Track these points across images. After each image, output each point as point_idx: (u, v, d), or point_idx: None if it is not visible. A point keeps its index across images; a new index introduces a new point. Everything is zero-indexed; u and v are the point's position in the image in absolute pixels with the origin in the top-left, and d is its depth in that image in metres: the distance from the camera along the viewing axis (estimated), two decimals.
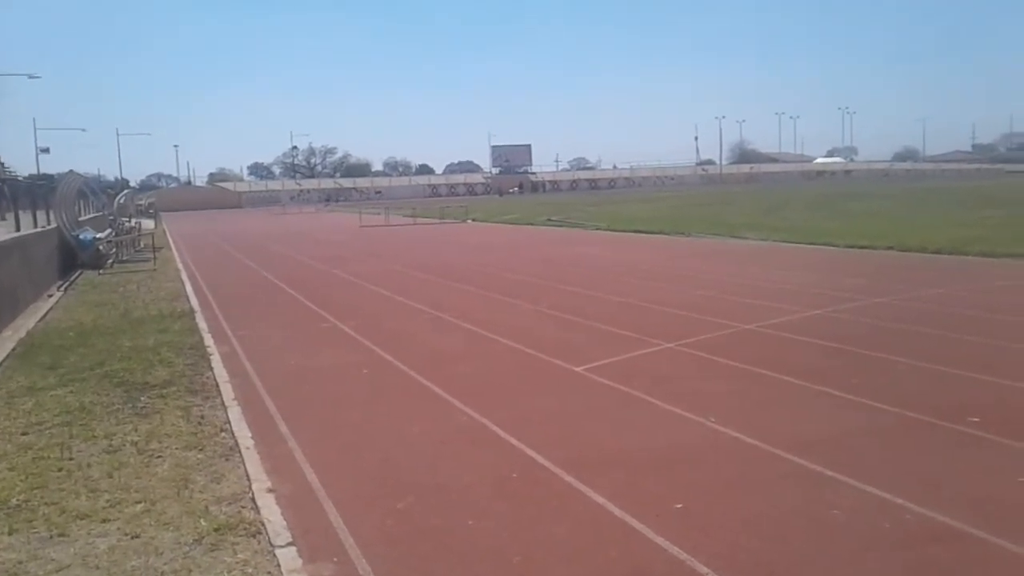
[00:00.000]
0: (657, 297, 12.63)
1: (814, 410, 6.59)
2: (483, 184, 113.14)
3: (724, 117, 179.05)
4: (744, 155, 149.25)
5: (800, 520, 4.51)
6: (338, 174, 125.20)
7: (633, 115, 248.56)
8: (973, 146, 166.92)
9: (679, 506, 4.73)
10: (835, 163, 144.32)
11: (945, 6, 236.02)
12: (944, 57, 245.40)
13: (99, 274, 19.77)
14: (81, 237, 21.70)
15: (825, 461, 5.34)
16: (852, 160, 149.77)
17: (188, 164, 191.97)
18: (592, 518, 4.64)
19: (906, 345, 8.76)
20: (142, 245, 26.40)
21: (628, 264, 18.29)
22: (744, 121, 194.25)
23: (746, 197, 56.23)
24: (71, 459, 5.87)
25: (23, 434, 6.51)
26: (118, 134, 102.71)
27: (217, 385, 7.91)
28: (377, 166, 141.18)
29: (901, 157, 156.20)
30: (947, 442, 5.78)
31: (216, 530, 4.54)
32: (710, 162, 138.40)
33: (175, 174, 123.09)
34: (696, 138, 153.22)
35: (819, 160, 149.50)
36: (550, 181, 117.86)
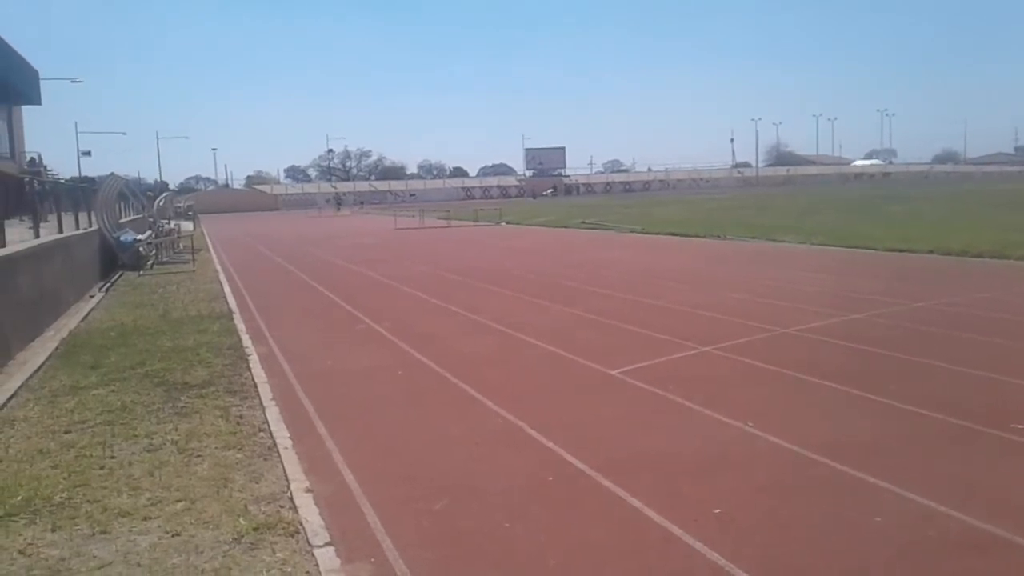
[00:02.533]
0: (692, 300, 12.54)
1: (854, 415, 6.50)
2: (517, 187, 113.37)
3: (760, 119, 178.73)
4: (781, 157, 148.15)
5: (841, 526, 4.44)
6: (373, 177, 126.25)
7: (668, 117, 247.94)
8: (1016, 148, 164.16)
9: (717, 511, 4.69)
10: (874, 165, 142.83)
11: (986, 6, 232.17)
12: (985, 58, 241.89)
13: (139, 275, 20.06)
14: (122, 239, 22.04)
15: (866, 467, 5.26)
16: (891, 162, 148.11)
17: (226, 167, 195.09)
18: (629, 522, 4.61)
19: (948, 350, 8.61)
20: (181, 247, 26.78)
21: (663, 267, 18.19)
22: (781, 123, 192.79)
23: (783, 199, 55.73)
24: (113, 457, 5.96)
25: (66, 432, 6.62)
26: (158, 137, 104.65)
27: (255, 385, 7.98)
28: (412, 169, 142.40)
29: (941, 159, 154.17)
30: (992, 449, 5.67)
31: (255, 529, 4.58)
32: (746, 164, 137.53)
33: (213, 177, 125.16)
34: (732, 140, 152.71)
35: (857, 162, 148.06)
36: (584, 184, 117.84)
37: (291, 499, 5.05)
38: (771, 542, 4.29)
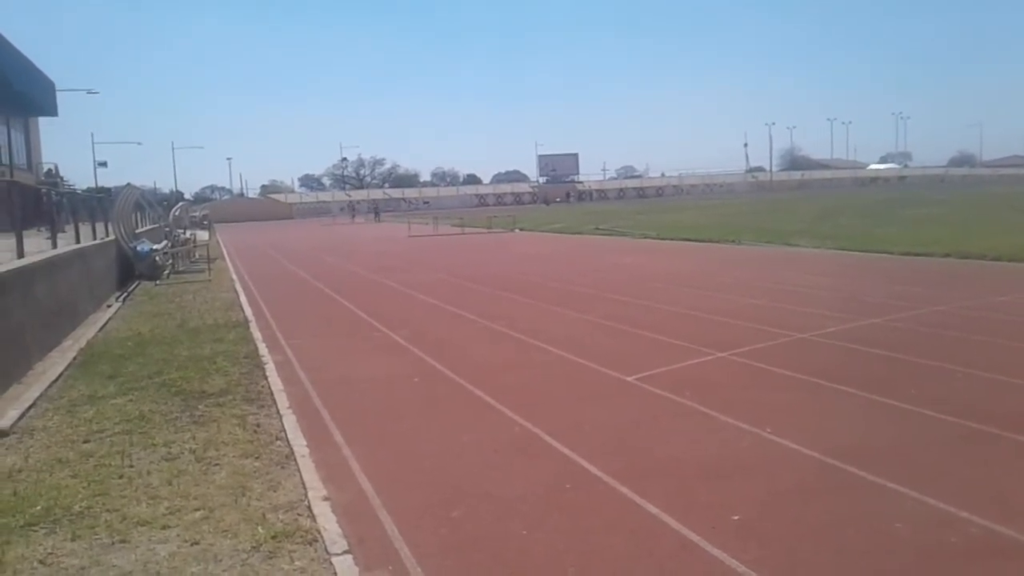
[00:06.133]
0: (708, 306, 12.50)
1: (873, 421, 6.46)
2: (530, 193, 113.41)
3: (774, 123, 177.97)
4: (795, 162, 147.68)
5: (862, 533, 4.41)
6: (387, 185, 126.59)
7: (681, 122, 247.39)
8: None
9: (736, 518, 4.66)
10: (889, 169, 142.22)
11: (1000, 8, 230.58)
12: (1000, 60, 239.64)
13: (156, 285, 20.17)
14: (138, 248, 22.17)
15: (886, 472, 5.22)
16: (906, 166, 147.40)
17: (240, 176, 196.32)
18: (647, 529, 4.59)
19: (967, 354, 8.54)
20: (197, 256, 26.89)
21: (677, 273, 18.14)
22: (795, 127, 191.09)
23: (797, 204, 55.51)
24: (131, 467, 5.98)
25: (85, 442, 6.65)
26: (173, 147, 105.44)
27: (272, 394, 8.01)
28: (425, 176, 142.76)
29: (957, 162, 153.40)
30: (1012, 453, 5.62)
31: (273, 537, 4.59)
32: (760, 169, 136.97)
33: (228, 186, 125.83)
34: (746, 145, 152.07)
35: (872, 166, 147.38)
36: (597, 190, 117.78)
37: (309, 507, 5.06)
38: (790, 548, 4.26)
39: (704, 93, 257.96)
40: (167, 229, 30.90)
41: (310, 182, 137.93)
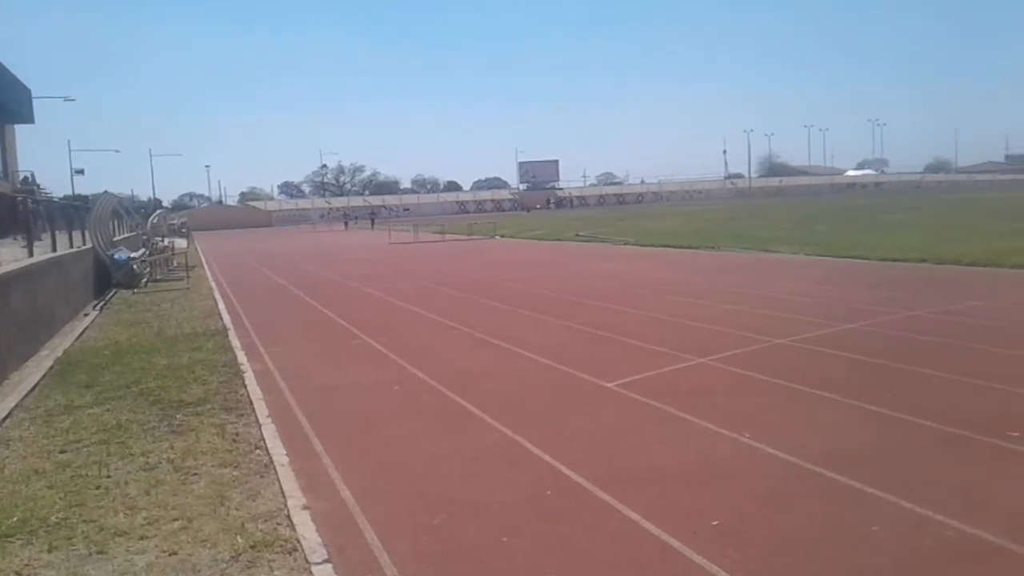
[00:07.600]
0: (687, 312, 12.56)
1: (850, 425, 6.51)
2: (510, 200, 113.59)
3: (752, 130, 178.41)
4: (773, 168, 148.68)
5: (839, 537, 4.44)
6: (367, 192, 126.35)
7: (661, 129, 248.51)
8: (1006, 157, 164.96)
9: (715, 523, 4.68)
10: (866, 175, 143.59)
11: (976, 16, 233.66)
12: (976, 67, 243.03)
13: (133, 293, 20.03)
14: (116, 256, 22.00)
15: (863, 477, 5.26)
16: (883, 172, 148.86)
17: (219, 183, 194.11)
18: (628, 535, 4.60)
19: (942, 359, 8.63)
20: (175, 264, 26.75)
21: (657, 279, 18.22)
22: (773, 134, 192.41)
23: (775, 210, 55.88)
24: (109, 477, 5.93)
25: (61, 452, 6.59)
26: (151, 155, 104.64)
27: (251, 402, 7.96)
28: (405, 183, 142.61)
29: (933, 168, 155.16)
30: (987, 457, 5.68)
31: (252, 547, 4.56)
32: (739, 176, 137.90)
33: (207, 193, 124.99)
34: (724, 152, 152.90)
35: (849, 172, 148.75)
36: (577, 196, 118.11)
37: (288, 516, 5.03)
38: (769, 553, 4.28)
39: (683, 101, 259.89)
40: (145, 237, 30.70)
41: (290, 189, 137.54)
